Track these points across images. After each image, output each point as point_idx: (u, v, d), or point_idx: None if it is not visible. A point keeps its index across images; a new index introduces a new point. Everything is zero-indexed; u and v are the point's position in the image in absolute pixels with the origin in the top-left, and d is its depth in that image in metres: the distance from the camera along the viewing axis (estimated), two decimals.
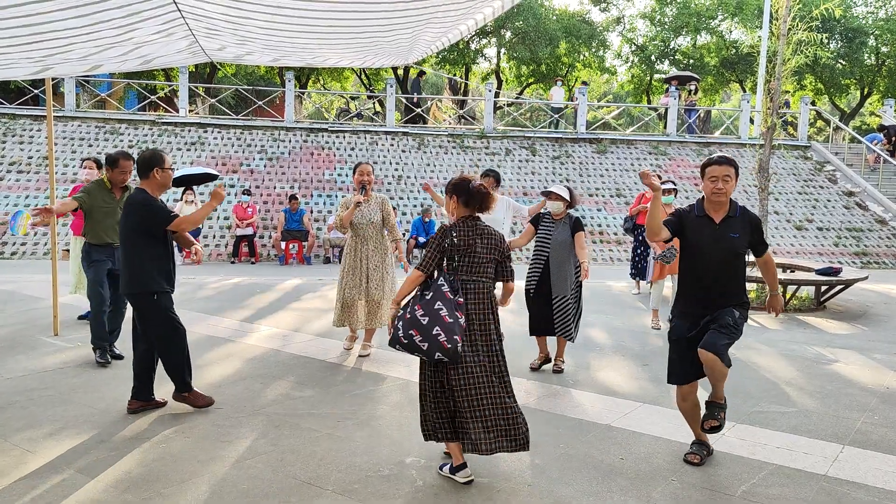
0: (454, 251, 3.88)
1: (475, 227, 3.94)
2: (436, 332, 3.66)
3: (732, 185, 4.01)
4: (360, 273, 6.24)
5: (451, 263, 3.91)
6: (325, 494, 3.64)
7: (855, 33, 26.34)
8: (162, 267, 4.73)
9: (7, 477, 3.75)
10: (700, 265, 4.08)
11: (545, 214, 6.19)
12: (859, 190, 19.55)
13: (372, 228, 6.30)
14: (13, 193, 15.30)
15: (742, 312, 4.06)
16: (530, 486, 3.80)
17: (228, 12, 4.25)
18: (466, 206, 3.95)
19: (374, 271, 6.24)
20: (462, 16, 4.66)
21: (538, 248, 6.09)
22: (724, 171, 3.97)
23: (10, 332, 7.00)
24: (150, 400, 4.88)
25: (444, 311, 3.71)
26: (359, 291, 6.22)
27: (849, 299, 10.39)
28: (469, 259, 3.89)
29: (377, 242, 6.32)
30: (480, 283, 3.91)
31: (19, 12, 3.71)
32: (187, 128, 18.36)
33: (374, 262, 6.26)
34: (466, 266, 3.89)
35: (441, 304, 3.72)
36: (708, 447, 4.28)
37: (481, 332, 3.86)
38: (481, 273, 3.92)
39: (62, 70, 5.96)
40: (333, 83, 31.13)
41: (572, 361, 6.40)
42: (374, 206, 6.39)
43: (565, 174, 18.82)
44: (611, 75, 32.18)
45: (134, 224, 4.67)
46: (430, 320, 3.69)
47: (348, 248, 6.35)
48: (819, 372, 6.35)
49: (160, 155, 4.76)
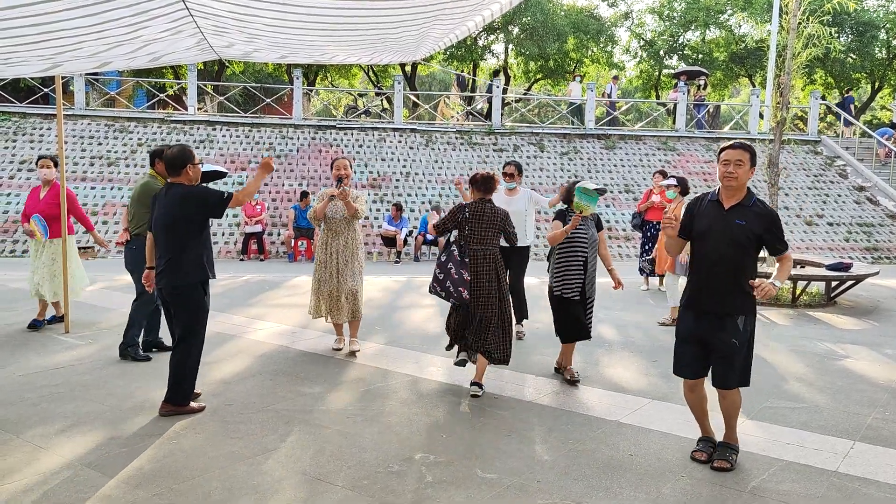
0: (465, 223, 5.25)
1: (483, 205, 5.30)
2: (448, 285, 5.21)
3: (746, 171, 3.89)
4: (332, 267, 6.23)
5: (462, 232, 5.27)
6: (334, 490, 3.65)
7: (866, 27, 26.12)
8: (210, 256, 4.80)
9: (19, 473, 3.78)
10: (703, 249, 4.00)
11: (569, 211, 5.59)
12: (870, 185, 19.42)
13: (344, 223, 6.25)
14: (24, 192, 15.38)
15: (748, 319, 3.93)
16: (539, 483, 3.80)
17: (236, 10, 4.26)
18: (477, 191, 5.37)
19: (345, 266, 6.22)
20: (470, 12, 4.65)
21: (575, 248, 5.53)
22: (738, 155, 3.89)
23: (21, 330, 7.05)
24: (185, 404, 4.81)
25: (453, 269, 5.22)
26: (330, 284, 6.23)
27: (859, 295, 10.33)
28: (478, 229, 5.24)
29: (347, 237, 6.26)
30: (487, 250, 5.26)
31: (29, 12, 3.73)
32: (196, 126, 18.42)
33: (344, 256, 6.23)
34: (476, 235, 5.24)
35: (452, 264, 5.23)
36: (714, 443, 4.22)
37: (487, 285, 5.24)
38: (487, 242, 5.26)
39: (71, 67, 5.99)
40: (341, 80, 31.14)
41: (581, 358, 6.39)
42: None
43: (574, 170, 18.77)
44: (619, 71, 32.07)
45: (190, 213, 4.62)
46: (444, 277, 5.23)
47: (320, 241, 6.36)
48: (830, 368, 6.32)
49: (190, 151, 4.76)
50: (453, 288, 5.18)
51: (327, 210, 6.24)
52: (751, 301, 3.94)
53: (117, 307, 8.24)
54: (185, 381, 4.74)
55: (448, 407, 5.00)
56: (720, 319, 3.93)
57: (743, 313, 3.93)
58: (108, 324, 7.42)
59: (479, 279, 5.22)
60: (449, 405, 5.04)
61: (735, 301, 3.91)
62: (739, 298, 3.91)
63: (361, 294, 6.36)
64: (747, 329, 3.94)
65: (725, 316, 3.92)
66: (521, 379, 5.74)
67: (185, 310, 4.70)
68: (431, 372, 5.88)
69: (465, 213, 5.25)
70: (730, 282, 3.91)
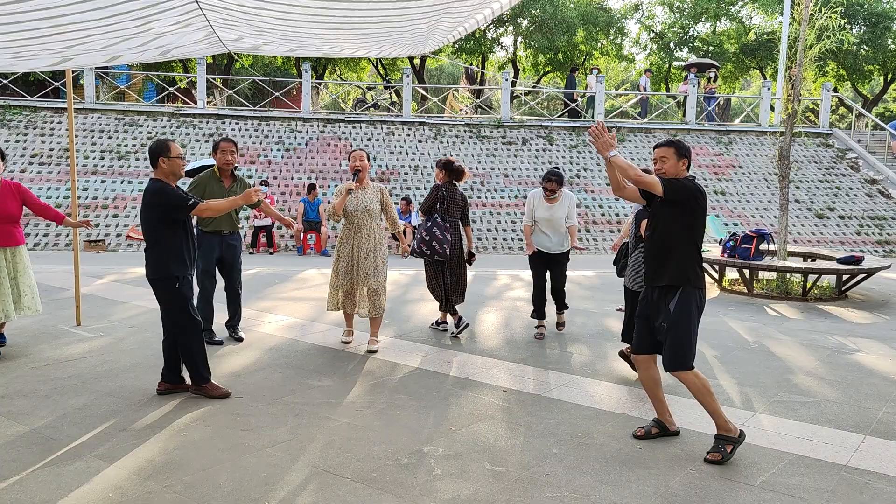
0: (443, 199, 6.84)
1: (452, 187, 6.94)
2: (434, 244, 6.65)
3: (673, 164, 4.09)
4: (352, 260, 6.16)
5: (440, 206, 6.83)
6: (343, 483, 3.67)
7: (879, 18, 25.86)
8: (182, 253, 4.80)
9: (31, 464, 3.81)
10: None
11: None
12: (882, 178, 19.26)
13: (367, 216, 6.15)
14: (35, 185, 15.49)
15: (682, 299, 4.03)
16: (548, 476, 3.80)
17: (245, 3, 4.26)
18: (448, 175, 6.92)
19: (366, 259, 6.13)
20: (478, 5, 4.64)
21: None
22: (661, 152, 4.15)
23: (33, 322, 7.10)
24: (178, 383, 5.04)
25: (438, 232, 6.68)
26: (350, 279, 6.18)
27: (871, 288, 10.26)
28: (449, 206, 6.86)
29: (370, 230, 6.18)
30: (455, 222, 6.93)
31: (40, 5, 3.75)
32: (205, 119, 18.46)
33: (365, 249, 6.14)
34: (448, 211, 6.84)
35: (437, 229, 6.69)
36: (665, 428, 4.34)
37: (458, 250, 6.94)
38: (455, 216, 6.92)
39: (82, 61, 6.01)
40: (350, 73, 31.14)
41: (589, 352, 6.38)
42: (371, 193, 6.23)
43: (583, 163, 18.72)
44: (629, 63, 31.90)
45: (153, 209, 4.73)
46: (430, 238, 6.67)
47: (341, 235, 6.27)
48: (840, 361, 6.29)
49: (164, 144, 4.76)
50: (439, 246, 6.61)
51: (347, 204, 6.15)
52: (687, 279, 4.08)
53: (128, 300, 8.29)
54: (189, 363, 4.91)
55: (456, 400, 5.01)
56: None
57: (676, 295, 4.08)
58: (119, 316, 7.47)
59: (453, 244, 6.79)
60: (457, 398, 5.05)
61: (666, 275, 4.13)
62: (672, 276, 4.10)
63: (384, 290, 6.27)
64: (680, 315, 4.06)
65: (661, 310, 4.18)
66: (529, 372, 5.74)
67: (160, 301, 4.87)
68: (440, 365, 5.89)
69: (442, 192, 6.82)
70: (663, 261, 4.17)
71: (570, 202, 6.89)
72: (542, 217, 6.83)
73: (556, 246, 6.87)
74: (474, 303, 8.67)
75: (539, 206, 6.86)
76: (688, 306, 4.04)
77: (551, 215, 6.78)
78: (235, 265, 6.50)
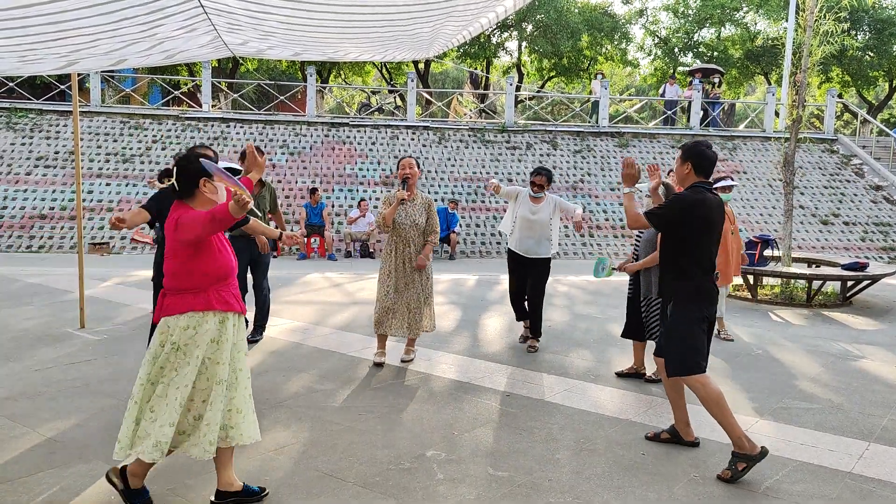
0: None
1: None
2: None
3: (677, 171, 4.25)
4: (401, 277, 5.81)
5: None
6: (346, 487, 3.67)
7: (884, 24, 25.82)
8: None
9: (35, 467, 3.82)
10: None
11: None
12: (887, 184, 19.21)
13: (414, 230, 5.80)
14: (40, 188, 15.54)
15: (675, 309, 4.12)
16: (551, 481, 3.80)
17: (250, 7, 4.28)
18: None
19: (418, 275, 5.84)
20: (483, 9, 4.65)
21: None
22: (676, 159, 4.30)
23: (37, 325, 7.12)
24: None
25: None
26: (399, 297, 5.82)
27: (875, 295, 10.23)
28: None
29: (419, 246, 5.84)
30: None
31: (46, 10, 3.76)
32: (210, 123, 18.52)
33: (413, 266, 5.82)
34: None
35: None
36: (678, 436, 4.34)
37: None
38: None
39: (88, 65, 6.03)
40: (355, 78, 31.18)
41: (593, 357, 6.37)
42: (419, 206, 5.88)
43: (587, 168, 18.71)
44: (633, 68, 31.89)
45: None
46: None
47: (387, 249, 5.87)
48: (845, 368, 6.27)
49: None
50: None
51: (396, 216, 5.80)
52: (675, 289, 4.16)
53: (132, 302, 8.30)
54: None
55: (459, 404, 5.00)
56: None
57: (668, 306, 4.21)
58: (123, 318, 7.48)
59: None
60: (460, 403, 5.04)
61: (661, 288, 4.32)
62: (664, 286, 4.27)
63: (431, 307, 5.99)
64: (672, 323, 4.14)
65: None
66: (532, 377, 5.73)
67: None
68: (443, 370, 5.89)
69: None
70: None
71: (556, 202, 6.58)
72: (523, 216, 6.50)
73: (535, 247, 6.49)
74: (477, 307, 8.66)
75: (523, 204, 6.56)
76: (683, 314, 4.07)
77: (536, 217, 6.47)
78: (261, 264, 6.62)
